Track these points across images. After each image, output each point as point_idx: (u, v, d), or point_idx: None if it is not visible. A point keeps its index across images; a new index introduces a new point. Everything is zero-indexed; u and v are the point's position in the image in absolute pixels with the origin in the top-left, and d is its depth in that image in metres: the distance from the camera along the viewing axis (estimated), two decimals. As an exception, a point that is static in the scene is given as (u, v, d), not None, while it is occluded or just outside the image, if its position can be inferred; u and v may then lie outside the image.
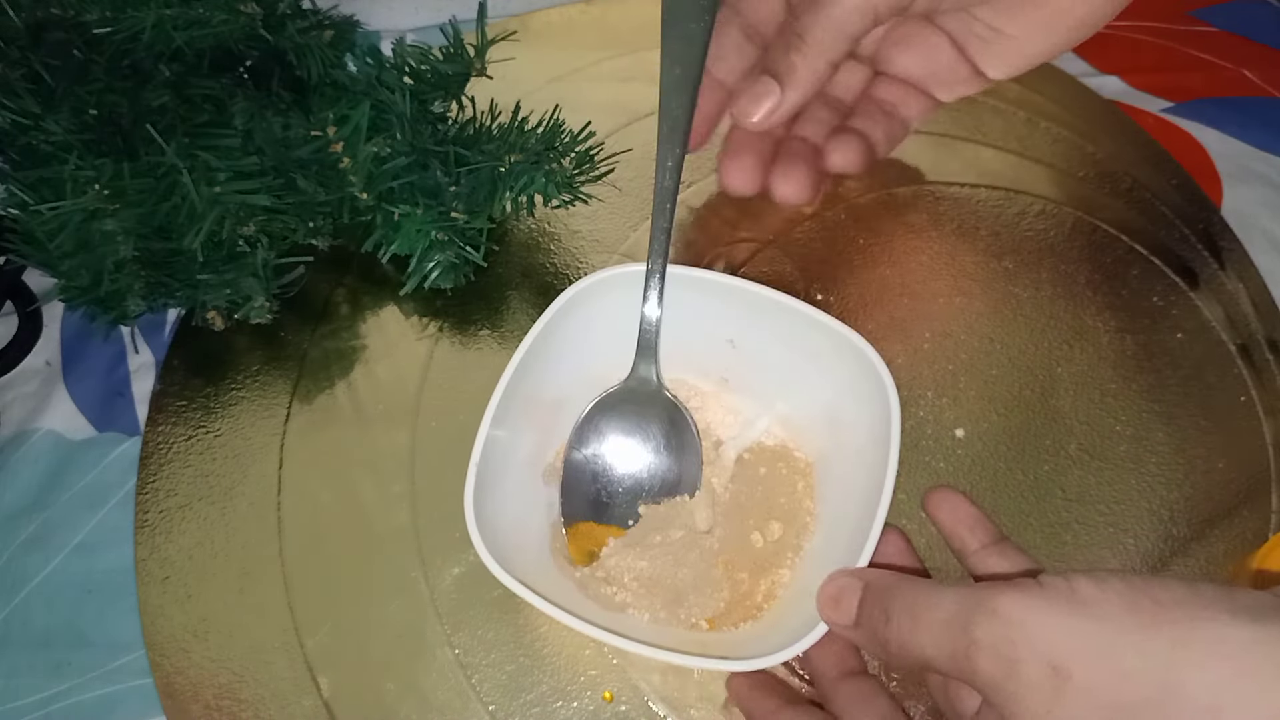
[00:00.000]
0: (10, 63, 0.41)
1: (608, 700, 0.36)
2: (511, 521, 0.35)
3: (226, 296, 0.42)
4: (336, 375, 0.44)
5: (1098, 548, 0.39)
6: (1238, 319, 0.45)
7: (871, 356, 0.35)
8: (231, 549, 0.40)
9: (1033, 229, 0.47)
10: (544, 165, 0.43)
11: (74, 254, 0.39)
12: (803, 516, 0.37)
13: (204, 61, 0.42)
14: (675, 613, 0.35)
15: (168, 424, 0.42)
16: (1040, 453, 0.41)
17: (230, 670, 0.37)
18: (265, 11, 0.43)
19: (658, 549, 0.36)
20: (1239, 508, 0.40)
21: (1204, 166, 0.50)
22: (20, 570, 0.40)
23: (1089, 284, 0.46)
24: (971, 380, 0.43)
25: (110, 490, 0.41)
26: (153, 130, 0.39)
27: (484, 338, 0.44)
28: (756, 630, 0.35)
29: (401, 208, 0.41)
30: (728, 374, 0.40)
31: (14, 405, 0.44)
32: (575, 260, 0.47)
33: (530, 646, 0.37)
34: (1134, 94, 0.53)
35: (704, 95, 0.38)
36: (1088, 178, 0.49)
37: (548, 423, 0.38)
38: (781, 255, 0.47)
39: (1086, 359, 0.44)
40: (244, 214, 0.40)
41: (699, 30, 0.36)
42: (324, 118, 0.41)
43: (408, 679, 0.37)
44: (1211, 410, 0.42)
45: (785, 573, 0.36)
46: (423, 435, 0.42)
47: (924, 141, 0.50)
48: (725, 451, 0.39)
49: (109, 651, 0.38)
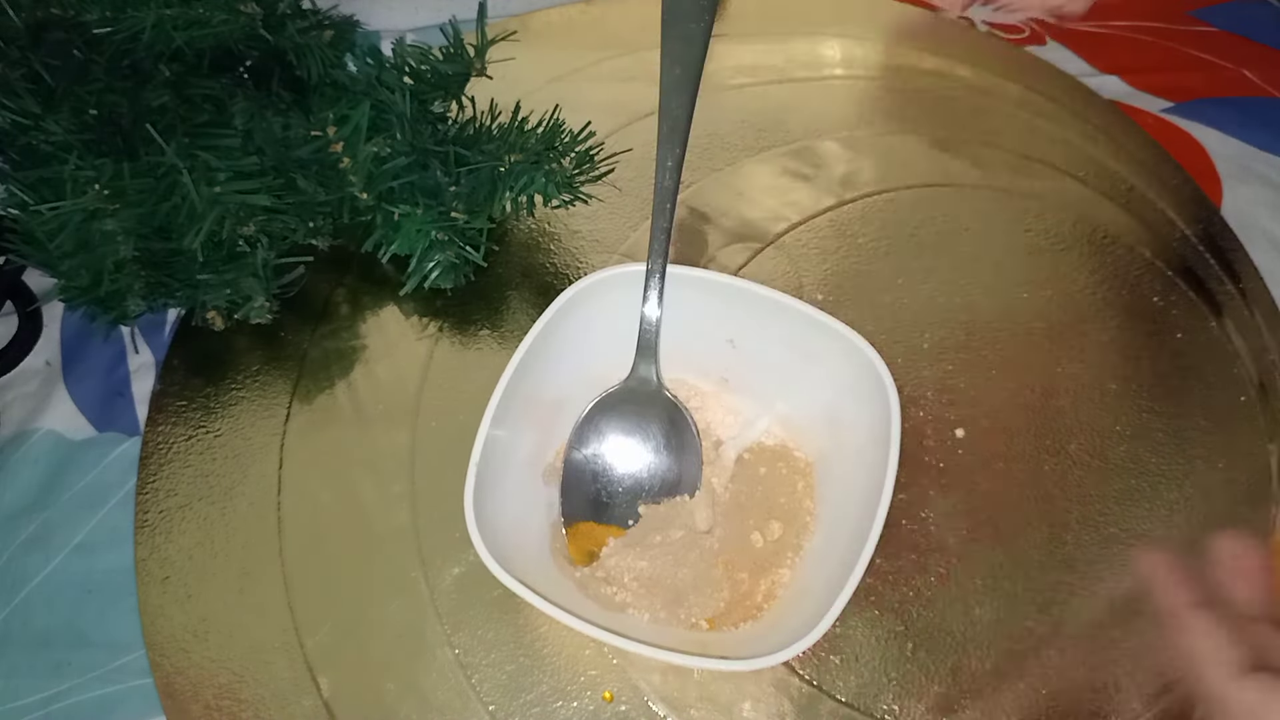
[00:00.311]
0: (10, 63, 0.41)
1: (608, 700, 0.36)
2: (511, 521, 0.35)
3: (226, 296, 0.42)
4: (336, 375, 0.44)
5: (1098, 548, 0.39)
6: (1238, 319, 0.45)
7: (871, 356, 0.35)
8: (231, 549, 0.40)
9: (1033, 229, 0.47)
10: (544, 165, 0.43)
11: (74, 254, 0.39)
12: (803, 516, 0.37)
13: (204, 61, 0.42)
14: (675, 613, 0.35)
15: (168, 424, 0.42)
16: (1040, 453, 0.41)
17: (230, 670, 0.37)
18: (265, 11, 0.43)
19: (658, 549, 0.36)
20: (1239, 508, 0.40)
21: (1204, 166, 0.50)
22: (20, 570, 0.40)
23: (1089, 284, 0.46)
24: (971, 380, 0.43)
25: (110, 490, 0.41)
26: (153, 130, 0.39)
27: (484, 338, 0.44)
28: (756, 630, 0.35)
29: (401, 208, 0.41)
30: (728, 374, 0.40)
31: (14, 405, 0.44)
32: (575, 260, 0.47)
33: (530, 646, 0.37)
34: (1134, 94, 0.53)
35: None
36: (1088, 178, 0.49)
37: (548, 423, 0.38)
38: (781, 255, 0.47)
39: (1086, 359, 0.44)
40: (244, 214, 0.40)
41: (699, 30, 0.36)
42: (324, 118, 0.41)
43: (408, 679, 0.37)
44: (1211, 410, 0.42)
45: (785, 572, 0.36)
46: (423, 435, 0.42)
47: (924, 141, 0.50)
48: (725, 451, 0.39)
49: (109, 651, 0.38)
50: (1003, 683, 0.37)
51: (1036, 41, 0.55)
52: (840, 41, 0.54)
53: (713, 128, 0.51)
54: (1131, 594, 0.38)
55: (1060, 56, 0.55)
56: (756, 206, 0.48)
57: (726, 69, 0.53)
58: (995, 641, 0.37)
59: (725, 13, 0.55)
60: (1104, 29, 0.56)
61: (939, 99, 0.52)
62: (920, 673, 0.37)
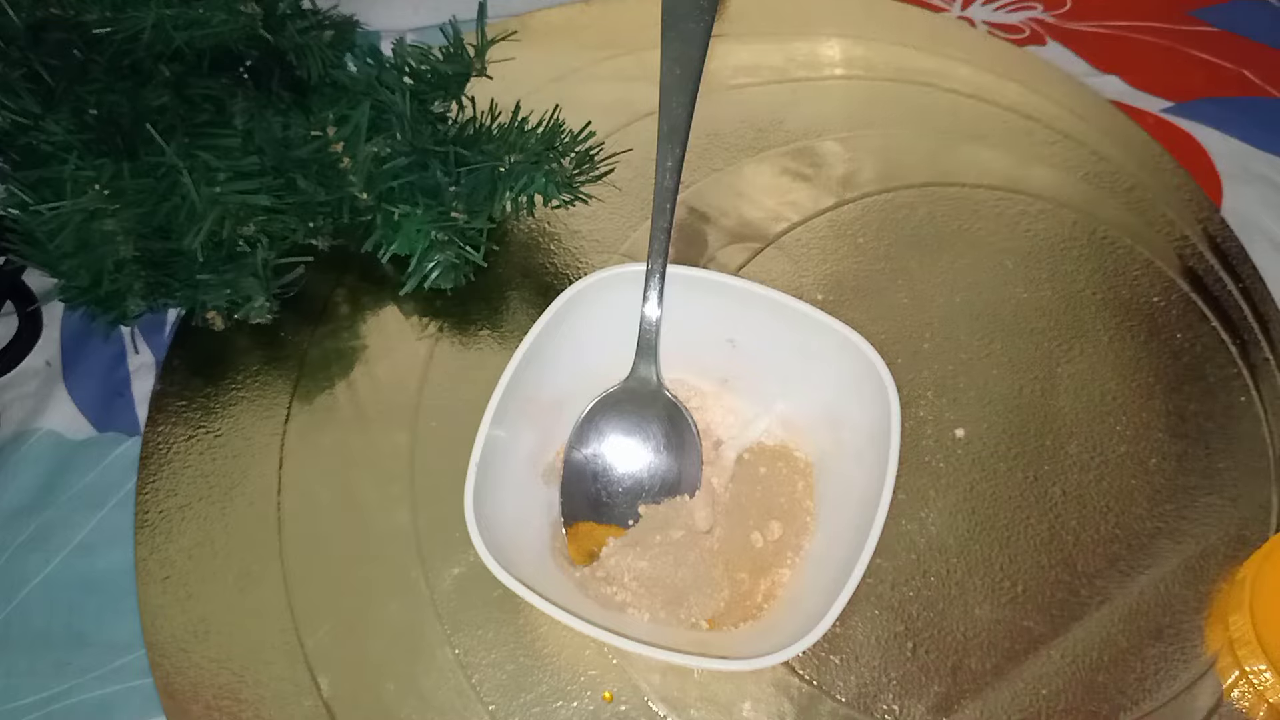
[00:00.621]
0: (10, 63, 0.41)
1: (608, 700, 0.36)
2: (511, 521, 0.35)
3: (226, 296, 0.42)
4: (336, 375, 0.44)
5: (1098, 548, 0.39)
6: (1237, 319, 0.45)
7: (871, 356, 0.35)
8: (231, 549, 0.40)
9: (1033, 229, 0.47)
10: (544, 165, 0.43)
11: (74, 254, 0.39)
12: (802, 516, 0.37)
13: (204, 61, 0.42)
14: (675, 613, 0.35)
15: (168, 424, 0.42)
16: (1040, 453, 0.41)
17: (230, 670, 0.37)
18: (265, 11, 0.43)
19: (658, 549, 0.36)
20: (1239, 508, 0.40)
21: (1204, 166, 0.50)
22: (20, 570, 0.40)
23: (1089, 284, 0.46)
24: (971, 380, 0.43)
25: (110, 490, 0.41)
26: (153, 130, 0.39)
27: (484, 338, 0.44)
28: (756, 630, 0.35)
29: (401, 208, 0.41)
30: (728, 374, 0.40)
31: (14, 405, 0.44)
32: (575, 260, 0.47)
33: (530, 646, 0.37)
34: (1134, 94, 0.53)
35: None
36: (1088, 177, 0.49)
37: (547, 423, 0.38)
38: (781, 255, 0.47)
39: (1086, 359, 0.44)
40: (244, 214, 0.40)
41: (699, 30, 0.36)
42: (324, 118, 0.41)
43: (408, 679, 0.37)
44: (1211, 410, 0.42)
45: (785, 572, 0.36)
46: (423, 435, 0.42)
47: (924, 141, 0.50)
48: (725, 451, 0.39)
49: (109, 651, 0.38)
50: (1002, 683, 0.37)
51: (1036, 41, 0.55)
52: (840, 41, 0.54)
53: (713, 128, 0.51)
54: (1131, 594, 0.38)
55: (1060, 56, 0.55)
56: (756, 206, 0.48)
57: (726, 69, 0.53)
58: (995, 641, 0.37)
59: (725, 13, 0.55)
60: (1104, 29, 0.56)
61: (939, 99, 0.52)
62: (920, 673, 0.37)
